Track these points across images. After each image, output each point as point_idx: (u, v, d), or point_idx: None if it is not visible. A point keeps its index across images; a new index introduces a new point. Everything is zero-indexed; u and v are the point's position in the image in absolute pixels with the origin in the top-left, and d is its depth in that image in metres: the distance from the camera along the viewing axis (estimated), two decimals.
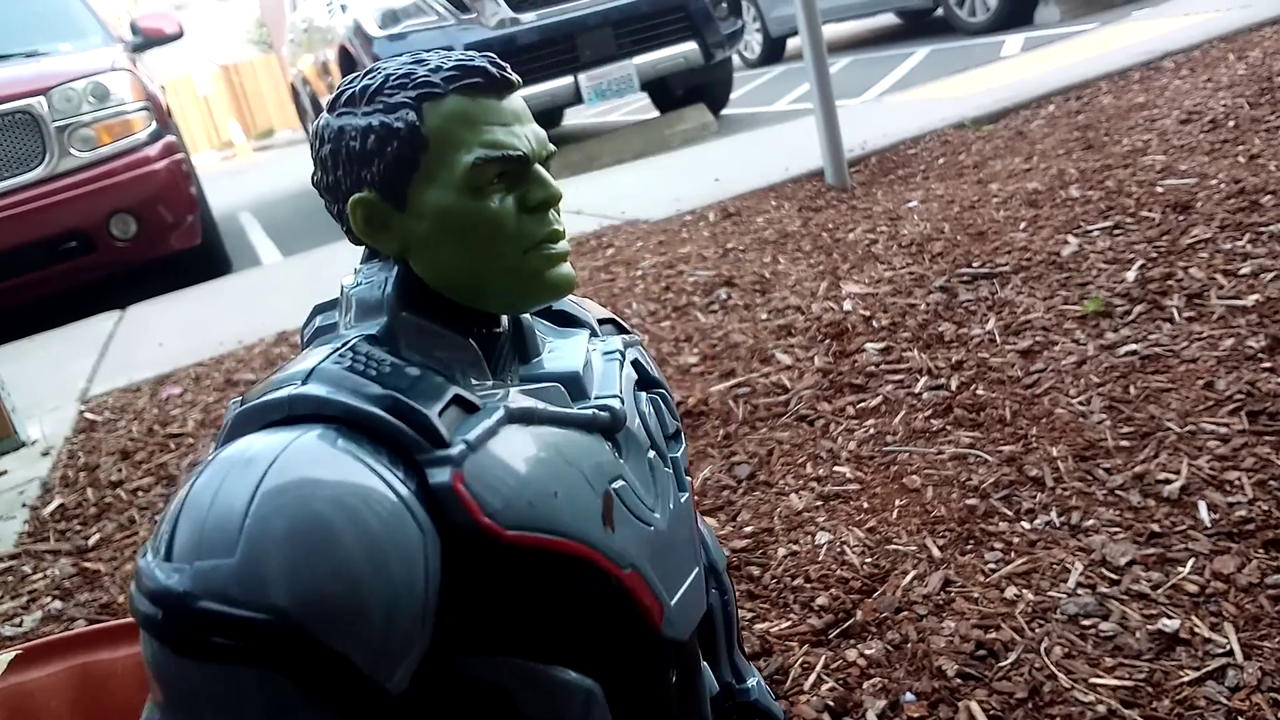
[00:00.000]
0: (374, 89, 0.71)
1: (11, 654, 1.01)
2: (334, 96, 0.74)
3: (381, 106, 0.71)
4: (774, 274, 2.82)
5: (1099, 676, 1.17)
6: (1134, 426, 1.65)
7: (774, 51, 9.77)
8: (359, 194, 0.71)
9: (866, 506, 1.63)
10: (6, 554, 2.13)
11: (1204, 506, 1.41)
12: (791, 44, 9.79)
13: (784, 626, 1.38)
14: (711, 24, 5.93)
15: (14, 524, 2.30)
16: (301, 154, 12.00)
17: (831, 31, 10.88)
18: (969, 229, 2.76)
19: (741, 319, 2.53)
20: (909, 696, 1.20)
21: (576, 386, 0.75)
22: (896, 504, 1.61)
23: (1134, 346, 1.89)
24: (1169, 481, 1.48)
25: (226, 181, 12.35)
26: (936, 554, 1.46)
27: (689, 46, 5.86)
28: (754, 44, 9.84)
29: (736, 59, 9.05)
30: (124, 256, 4.72)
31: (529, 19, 5.56)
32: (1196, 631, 1.20)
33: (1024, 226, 2.67)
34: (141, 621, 0.60)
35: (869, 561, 1.48)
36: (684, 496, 0.82)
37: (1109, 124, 3.53)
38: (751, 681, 0.99)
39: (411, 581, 0.61)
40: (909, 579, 1.41)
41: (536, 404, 0.70)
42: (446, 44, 5.50)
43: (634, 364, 0.84)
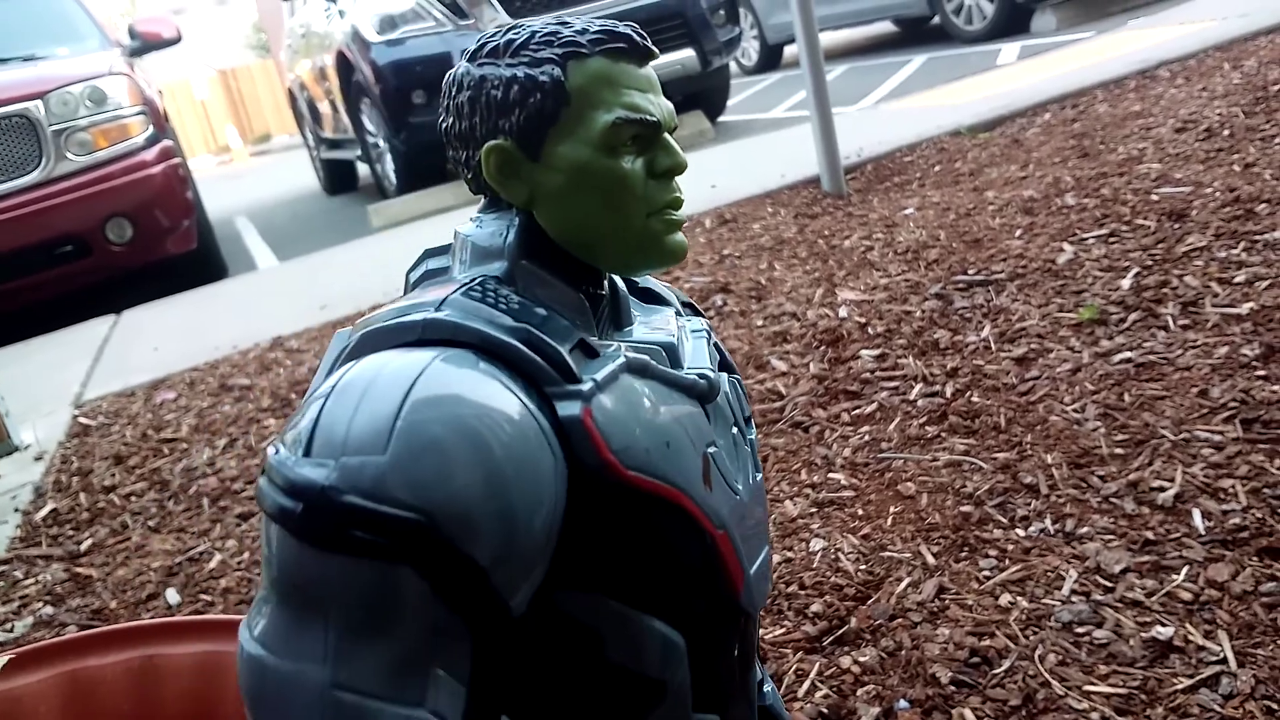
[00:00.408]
0: (519, 43, 0.74)
1: (2, 660, 1.00)
2: (475, 48, 0.76)
3: (527, 60, 0.73)
4: (770, 280, 2.82)
5: (1093, 684, 1.17)
6: (1128, 434, 1.65)
7: (771, 58, 9.79)
8: (494, 141, 0.73)
9: (861, 513, 1.62)
10: None
11: (1198, 514, 1.41)
12: (788, 51, 9.81)
13: (779, 633, 1.38)
14: (709, 31, 5.94)
15: (6, 529, 2.29)
16: (299, 159, 12.01)
17: (828, 39, 10.91)
18: (965, 236, 2.77)
19: (737, 325, 2.53)
20: (903, 703, 1.20)
21: (672, 355, 0.77)
22: (891, 511, 1.61)
23: (1129, 354, 1.89)
24: (1163, 489, 1.48)
25: (223, 186, 12.34)
26: (931, 561, 1.46)
27: (686, 53, 5.87)
28: (751, 51, 9.85)
29: (733, 66, 9.06)
30: (120, 261, 4.71)
31: None
32: (1190, 639, 1.20)
33: (1019, 234, 2.67)
34: (276, 515, 0.61)
35: (863, 568, 1.48)
36: (758, 476, 0.84)
37: (1105, 132, 3.54)
38: (767, 687, 0.99)
39: (545, 503, 0.63)
40: (903, 586, 1.41)
41: (649, 360, 0.73)
42: (445, 50, 5.51)
43: (714, 346, 0.87)
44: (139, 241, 4.70)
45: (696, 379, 0.76)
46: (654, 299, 0.87)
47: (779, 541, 1.59)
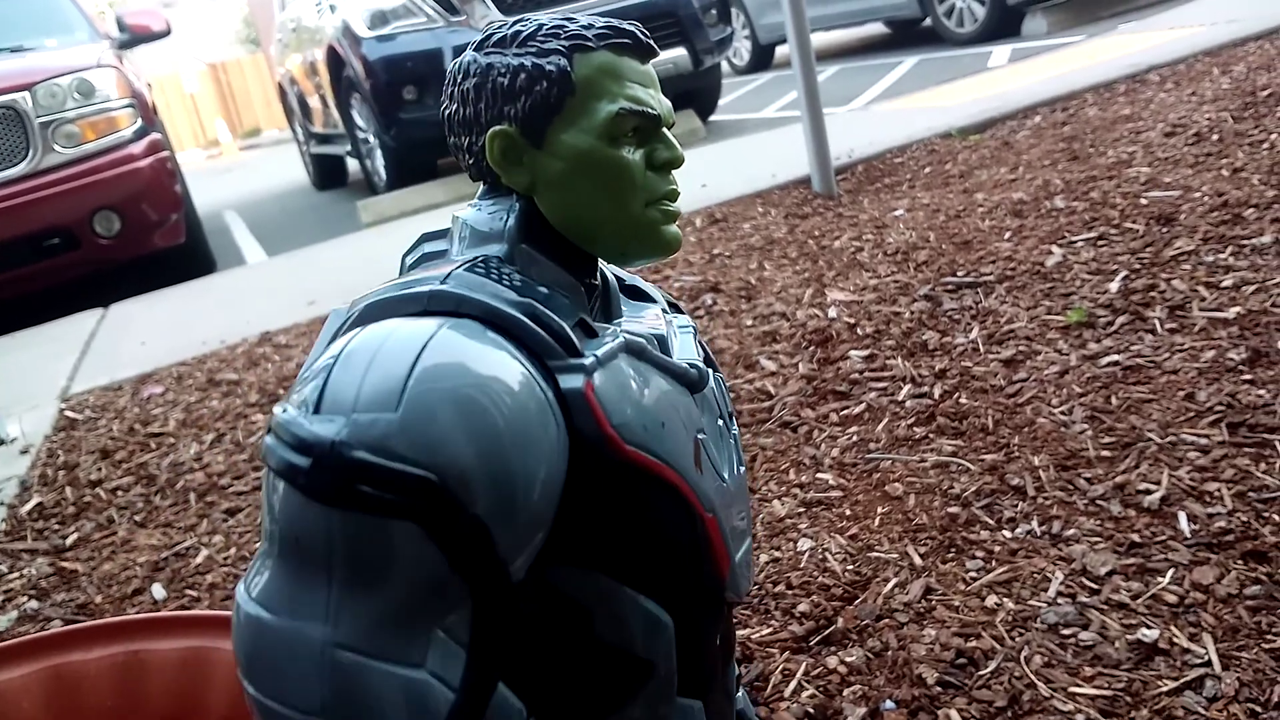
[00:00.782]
0: (526, 34, 0.76)
1: None
2: (483, 38, 0.78)
3: (534, 50, 0.75)
4: (760, 280, 2.82)
5: (1078, 685, 1.17)
6: (1115, 437, 1.66)
7: (762, 59, 9.80)
8: (499, 127, 0.75)
9: (849, 514, 1.63)
10: None
11: (1184, 517, 1.42)
12: (780, 51, 9.82)
13: (765, 633, 1.38)
14: (700, 30, 5.94)
15: None
16: (288, 154, 11.97)
17: (820, 40, 10.92)
18: (954, 238, 2.77)
19: (727, 325, 2.53)
20: (889, 704, 1.20)
21: (662, 346, 0.79)
22: (879, 511, 1.61)
23: (1116, 357, 1.90)
24: (1149, 492, 1.49)
25: (212, 180, 12.29)
26: (918, 562, 1.46)
27: (678, 52, 5.87)
28: (743, 51, 9.86)
29: (725, 66, 9.07)
30: (107, 254, 4.69)
31: None
32: (1175, 642, 1.21)
33: (1009, 236, 2.68)
34: (283, 471, 0.61)
35: (850, 569, 1.48)
36: (742, 469, 0.85)
37: (1094, 135, 3.55)
38: (738, 692, 0.99)
39: (548, 470, 0.64)
40: (890, 587, 1.42)
41: (645, 343, 0.75)
42: (436, 46, 5.50)
43: (699, 344, 0.89)
44: (127, 235, 4.67)
45: (688, 367, 0.78)
46: (641, 296, 0.88)
47: (767, 541, 1.59)
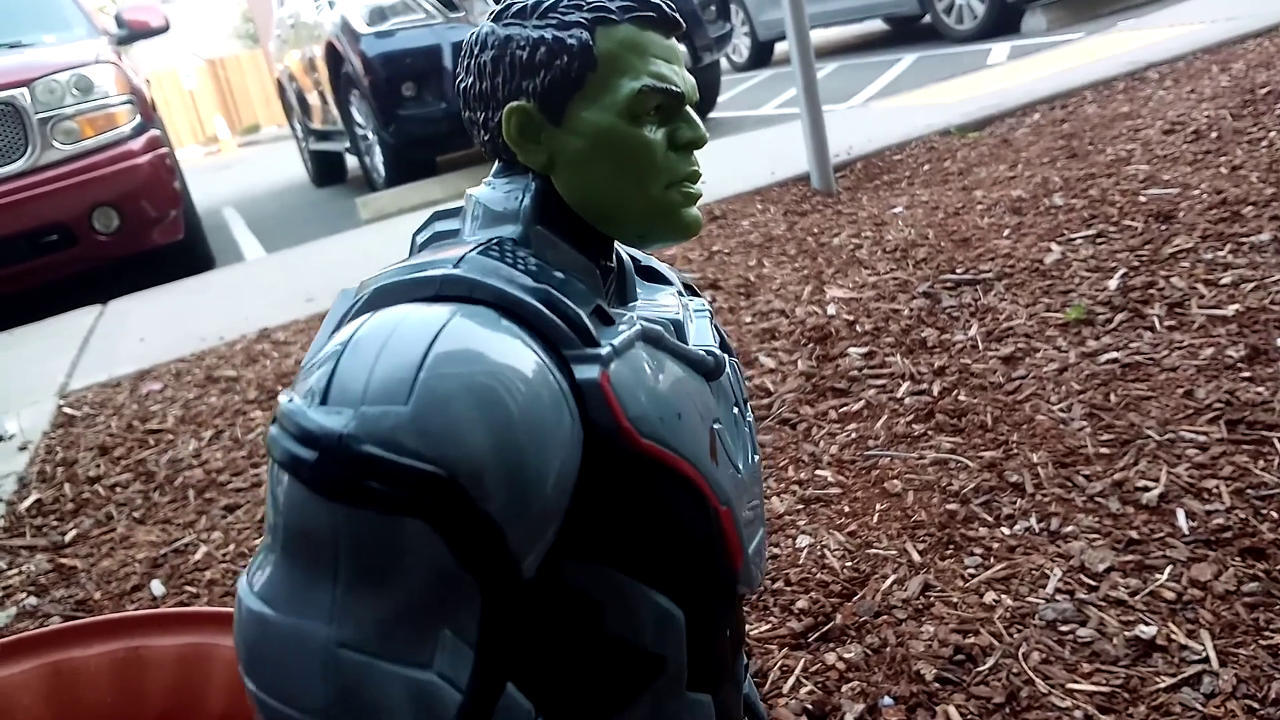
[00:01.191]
0: (547, 5, 0.73)
1: None
2: (502, 8, 0.75)
3: (555, 22, 0.72)
4: (759, 277, 2.82)
5: (1076, 682, 1.17)
6: (1114, 434, 1.66)
7: (762, 55, 9.79)
8: (516, 102, 0.72)
9: (847, 510, 1.63)
10: None
11: (1182, 514, 1.42)
12: (779, 48, 9.81)
13: (764, 629, 1.38)
14: (700, 27, 5.94)
15: None
16: (287, 150, 11.96)
17: (819, 37, 10.92)
18: (953, 235, 2.77)
19: (725, 322, 2.53)
20: (887, 700, 1.20)
21: (678, 331, 0.77)
22: (877, 508, 1.61)
23: (1115, 354, 1.90)
24: (1148, 489, 1.49)
25: (210, 176, 12.28)
26: (916, 558, 1.46)
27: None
28: (742, 47, 9.85)
29: (724, 63, 9.06)
30: (106, 250, 4.68)
31: None
32: (1173, 638, 1.21)
33: (1008, 234, 2.68)
34: (287, 464, 0.59)
35: (849, 565, 1.48)
36: (756, 458, 0.84)
37: (1093, 133, 3.55)
38: (746, 682, 0.99)
39: (561, 463, 0.62)
40: (889, 583, 1.42)
41: (662, 330, 0.73)
42: (435, 42, 5.50)
43: (715, 328, 0.87)
44: (125, 231, 4.67)
45: (704, 355, 0.76)
46: (656, 278, 0.86)
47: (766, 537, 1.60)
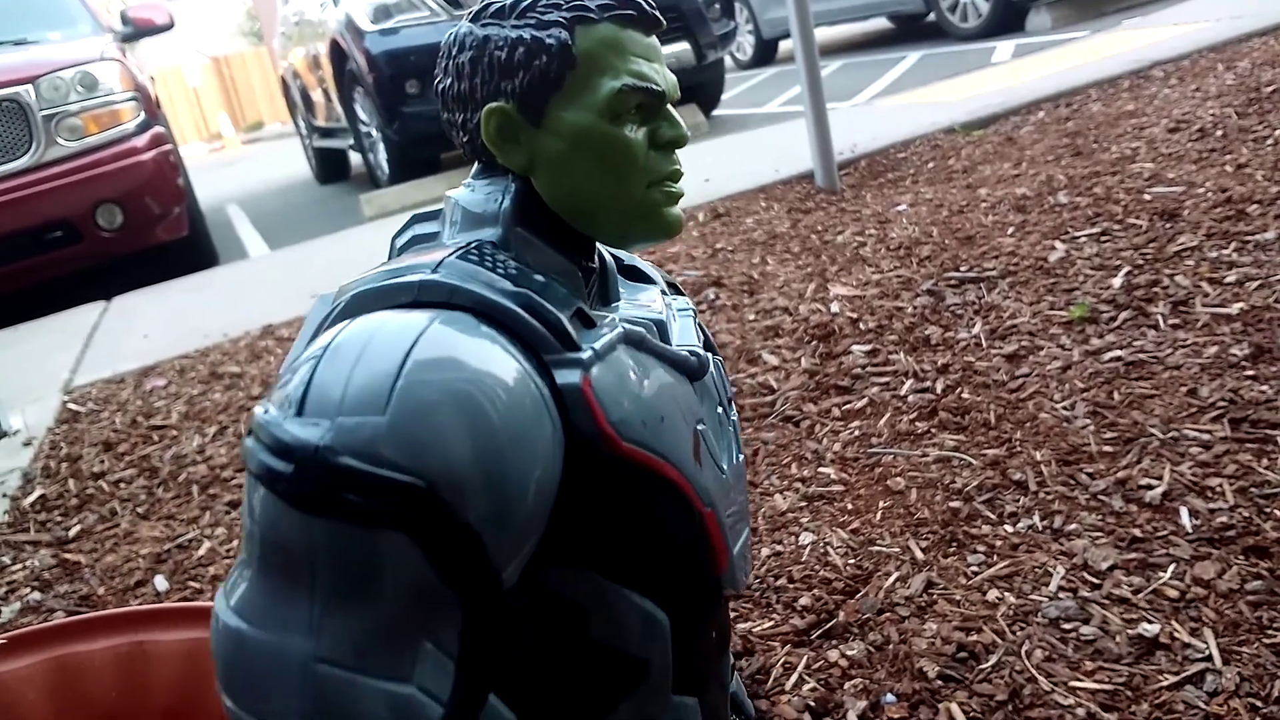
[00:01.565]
0: (526, 5, 0.72)
1: None
2: (480, 7, 0.74)
3: (533, 22, 0.71)
4: (762, 275, 2.82)
5: (1079, 680, 1.17)
6: (1117, 432, 1.66)
7: (766, 53, 9.78)
8: (495, 103, 0.71)
9: (850, 508, 1.63)
10: None
11: (1185, 512, 1.42)
12: (783, 46, 9.81)
13: (766, 626, 1.38)
14: (704, 24, 5.93)
15: None
16: (291, 147, 11.97)
17: (823, 35, 10.90)
18: (957, 233, 2.77)
19: (729, 319, 2.53)
20: (890, 697, 1.20)
21: (661, 332, 0.76)
22: (880, 506, 1.61)
23: (1119, 352, 1.90)
24: (1151, 487, 1.49)
25: (214, 174, 12.29)
26: (919, 556, 1.46)
27: (681, 46, 5.86)
28: (746, 45, 9.85)
29: (728, 60, 9.06)
30: (110, 247, 4.69)
31: None
32: (1176, 636, 1.21)
33: (1012, 232, 2.68)
34: (263, 476, 0.58)
35: (852, 562, 1.48)
36: (740, 457, 0.83)
37: (1098, 131, 3.55)
38: (734, 680, 0.99)
39: (543, 471, 0.62)
40: (891, 580, 1.42)
41: (644, 332, 0.72)
42: (439, 39, 5.49)
43: (699, 327, 0.86)
44: (129, 228, 4.67)
45: (688, 355, 0.75)
46: (640, 277, 0.86)
47: (768, 534, 1.60)
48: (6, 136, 4.43)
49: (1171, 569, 1.32)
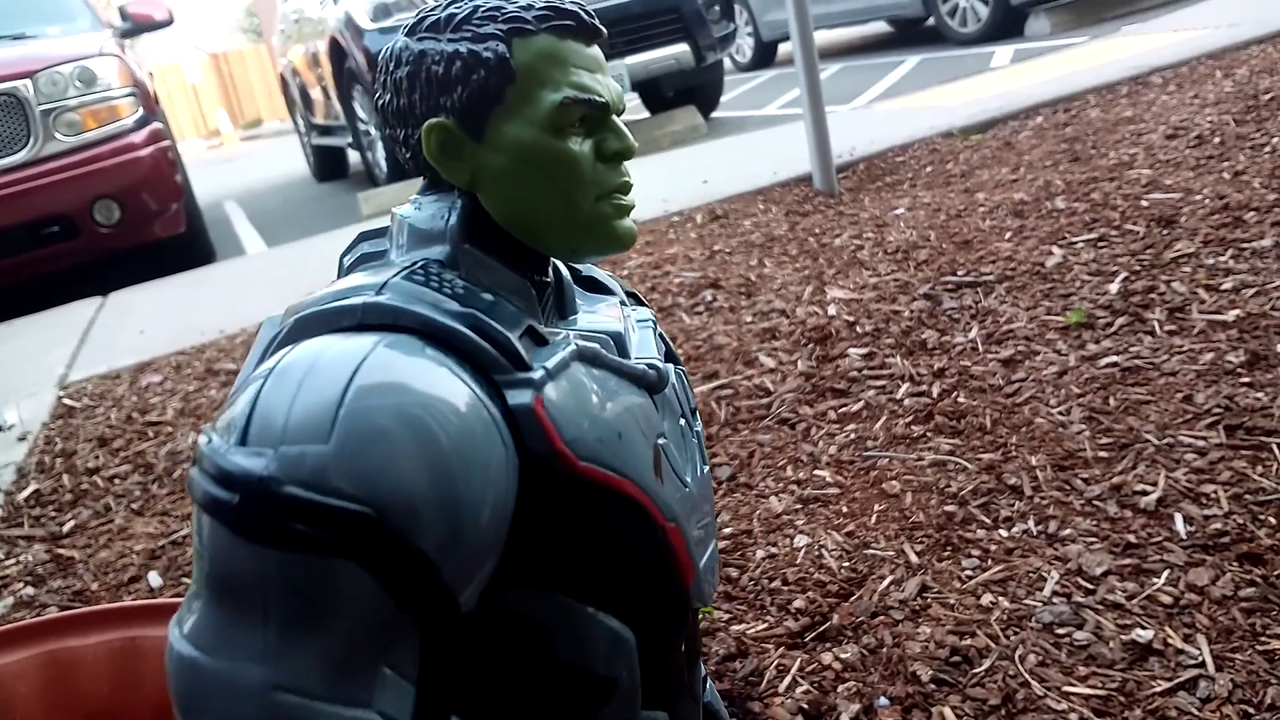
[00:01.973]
0: (461, 18, 0.71)
1: None
2: (415, 21, 0.73)
3: (469, 35, 0.70)
4: (760, 277, 2.82)
5: (1072, 685, 1.17)
6: (1113, 438, 1.66)
7: (765, 56, 9.79)
8: (435, 119, 0.70)
9: (845, 511, 1.63)
10: None
11: (1180, 519, 1.42)
12: (783, 49, 9.81)
13: (760, 628, 1.38)
14: (704, 26, 5.93)
15: None
16: (290, 145, 11.96)
17: (823, 38, 10.91)
18: (954, 237, 2.77)
19: (726, 321, 2.53)
20: (883, 701, 1.20)
21: (620, 345, 0.75)
22: (875, 509, 1.61)
23: (1115, 358, 1.90)
24: (1146, 493, 1.49)
25: (212, 170, 12.28)
26: (914, 559, 1.46)
27: (681, 48, 5.87)
28: (745, 48, 9.85)
29: (728, 62, 9.06)
30: (107, 243, 4.68)
31: None
32: (1170, 642, 1.21)
33: (1009, 236, 2.68)
34: (209, 507, 0.58)
35: (846, 565, 1.48)
36: (705, 469, 0.83)
37: (1096, 137, 3.55)
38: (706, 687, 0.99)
39: (496, 494, 0.61)
40: (886, 584, 1.42)
41: (599, 348, 0.71)
42: None
43: (660, 337, 0.85)
44: (127, 224, 4.67)
45: (646, 369, 0.74)
46: (598, 288, 0.85)
47: (763, 536, 1.60)
48: (4, 131, 4.43)
49: (1165, 575, 1.32)
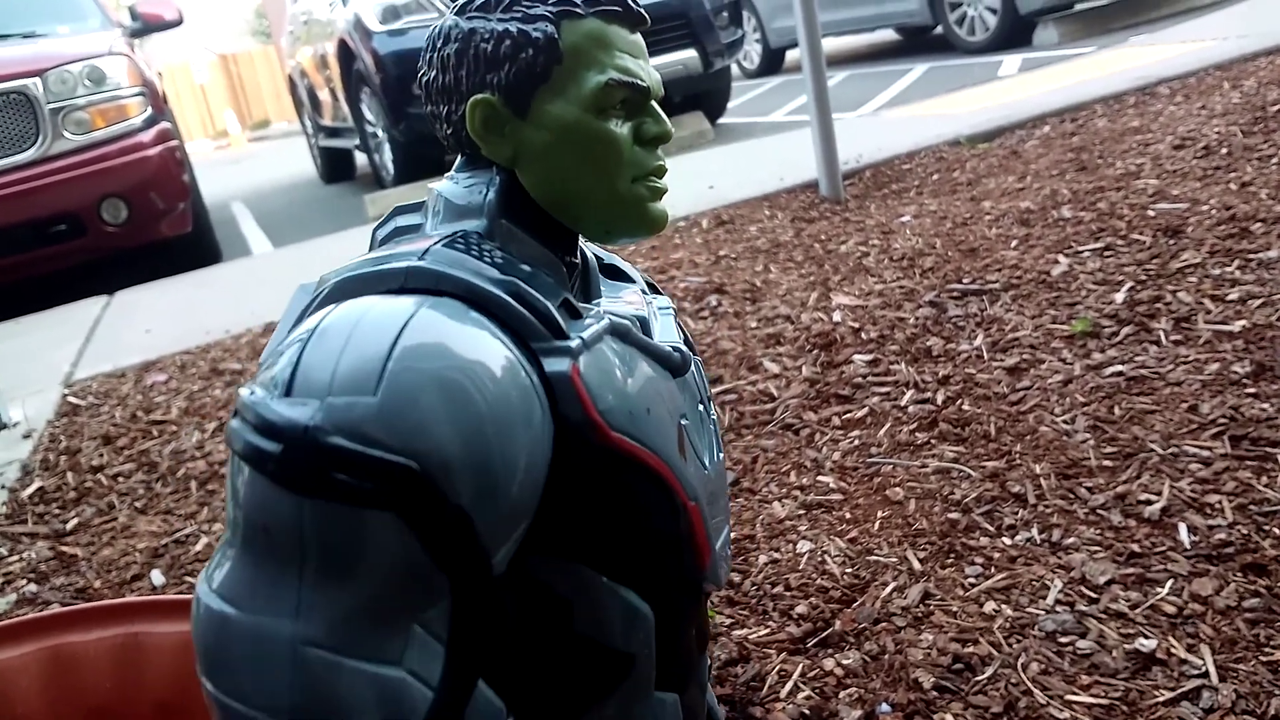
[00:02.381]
0: None
1: None
2: (464, 2, 0.74)
3: (519, 15, 0.72)
4: (765, 283, 2.82)
5: (1074, 694, 1.17)
6: (1117, 447, 1.65)
7: (773, 62, 9.80)
8: (481, 95, 0.72)
9: (849, 517, 1.63)
10: None
11: (1184, 528, 1.42)
12: (790, 56, 9.82)
13: (762, 634, 1.38)
14: (712, 32, 5.94)
15: None
16: (297, 146, 11.99)
17: (831, 45, 10.92)
18: (960, 245, 2.77)
19: (731, 326, 2.53)
20: (885, 707, 1.20)
21: (644, 328, 0.76)
22: (879, 515, 1.61)
23: (1120, 367, 1.90)
24: (1150, 502, 1.49)
25: (220, 171, 12.31)
26: (917, 566, 1.46)
27: (688, 54, 5.87)
28: (753, 54, 9.86)
29: (735, 69, 9.07)
30: (114, 241, 4.70)
31: None
32: (1173, 652, 1.20)
33: (1015, 245, 2.68)
34: (250, 457, 0.57)
35: (849, 572, 1.48)
36: (721, 455, 0.83)
37: (1103, 146, 3.55)
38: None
39: (533, 456, 0.62)
40: (889, 590, 1.41)
41: (630, 325, 0.72)
42: None
43: (678, 326, 0.86)
44: (134, 223, 4.68)
45: (671, 350, 0.76)
46: (620, 276, 0.86)
47: (766, 542, 1.59)
48: (13, 129, 4.44)
49: (1169, 585, 1.32)
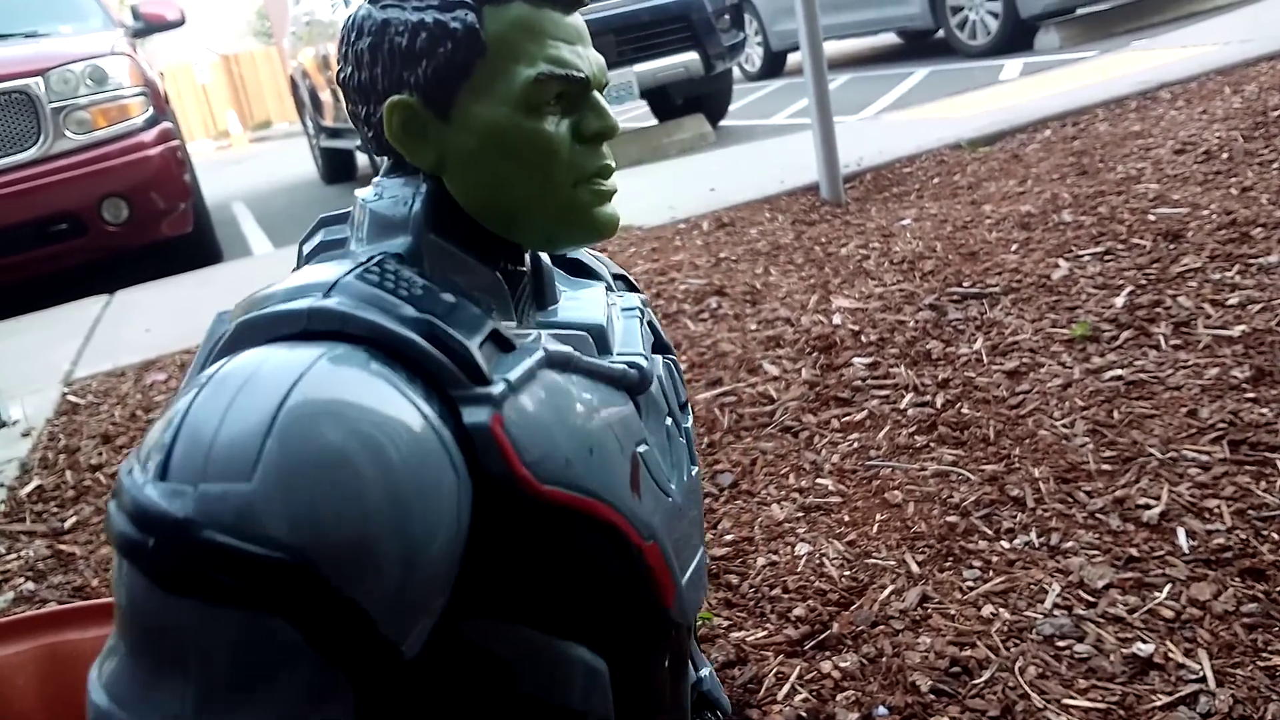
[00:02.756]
0: None
1: None
2: None
3: (437, 3, 0.64)
4: (765, 285, 2.82)
5: (1072, 698, 1.17)
6: (1116, 451, 1.65)
7: (774, 65, 9.80)
8: (398, 96, 0.64)
9: (847, 520, 1.63)
10: None
11: (1183, 533, 1.42)
12: (792, 59, 9.82)
13: (760, 636, 1.38)
14: (713, 35, 5.94)
15: None
16: (298, 147, 11.99)
17: (832, 48, 10.92)
18: (961, 249, 2.77)
19: (731, 328, 2.53)
20: (882, 710, 1.20)
21: (601, 340, 0.69)
22: (877, 518, 1.61)
23: (1119, 372, 1.90)
24: (1149, 507, 1.49)
25: (221, 171, 12.31)
26: (915, 570, 1.46)
27: (690, 56, 5.87)
28: (755, 57, 9.86)
29: (736, 71, 9.07)
30: (115, 241, 4.70)
31: None
32: (1171, 657, 1.20)
33: (1015, 248, 2.68)
34: (123, 548, 0.52)
35: (847, 574, 1.48)
36: (694, 470, 0.77)
37: (1104, 151, 3.55)
38: (705, 671, 0.98)
39: (444, 530, 0.55)
40: (887, 593, 1.41)
41: (572, 351, 0.65)
42: None
43: (648, 325, 0.79)
44: (135, 222, 4.68)
45: (626, 369, 0.68)
46: (583, 272, 0.79)
47: (764, 544, 1.59)
48: (15, 128, 4.44)
49: (1167, 589, 1.31)
